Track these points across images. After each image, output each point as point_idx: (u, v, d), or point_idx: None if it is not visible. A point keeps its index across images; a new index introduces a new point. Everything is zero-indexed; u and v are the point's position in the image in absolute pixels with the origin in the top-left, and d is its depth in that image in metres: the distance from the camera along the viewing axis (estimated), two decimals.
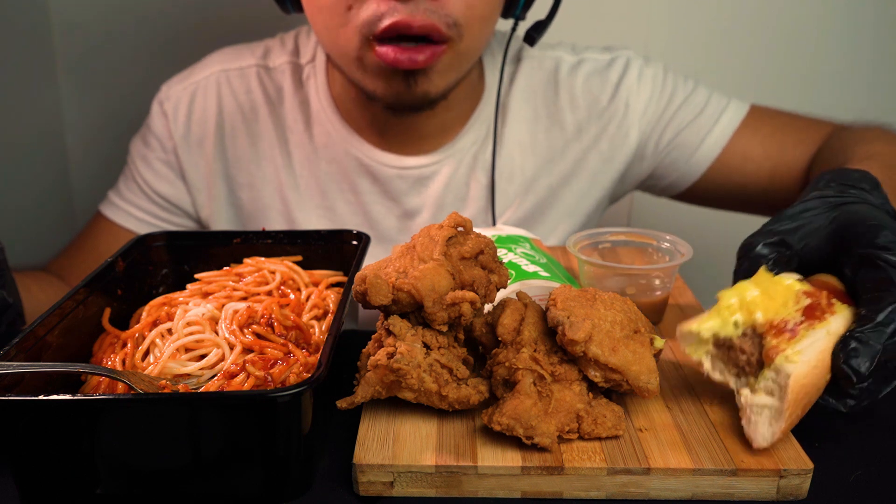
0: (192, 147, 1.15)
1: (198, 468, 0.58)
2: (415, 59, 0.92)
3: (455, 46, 0.94)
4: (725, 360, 0.66)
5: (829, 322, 0.63)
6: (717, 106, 1.13)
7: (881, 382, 0.63)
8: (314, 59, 1.14)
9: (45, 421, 0.56)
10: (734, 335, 0.64)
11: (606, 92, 1.14)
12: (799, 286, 0.65)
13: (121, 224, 1.17)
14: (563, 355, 0.65)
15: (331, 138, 1.12)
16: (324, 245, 0.86)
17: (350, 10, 0.92)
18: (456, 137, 1.12)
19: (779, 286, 0.65)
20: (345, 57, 0.97)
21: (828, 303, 0.64)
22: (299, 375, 0.65)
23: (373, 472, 0.60)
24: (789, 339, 0.61)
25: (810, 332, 0.62)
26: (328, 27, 0.96)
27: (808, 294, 0.64)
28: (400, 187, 1.12)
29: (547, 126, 1.14)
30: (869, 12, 1.50)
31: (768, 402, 0.61)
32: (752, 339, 0.63)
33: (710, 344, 0.66)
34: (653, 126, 1.14)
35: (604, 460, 0.60)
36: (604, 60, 1.15)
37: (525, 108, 1.14)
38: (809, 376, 0.60)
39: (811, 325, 0.62)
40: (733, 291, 0.65)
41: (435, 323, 0.64)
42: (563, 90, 1.14)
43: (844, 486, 0.62)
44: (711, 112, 1.13)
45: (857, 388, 0.62)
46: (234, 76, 1.15)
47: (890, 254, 0.63)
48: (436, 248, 0.66)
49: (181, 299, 0.77)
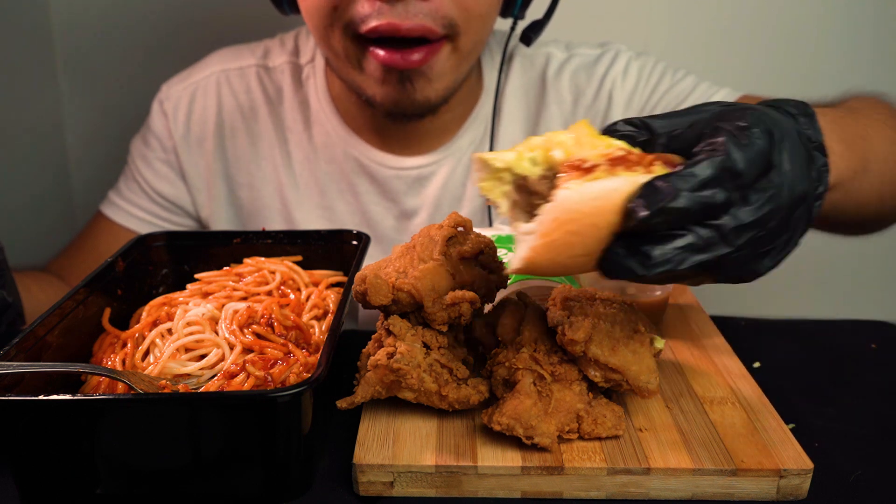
0: (192, 146, 1.15)
1: (198, 468, 0.58)
2: (408, 58, 0.91)
3: (453, 44, 0.94)
4: (526, 207, 0.58)
5: (637, 174, 0.53)
6: (704, 92, 1.10)
7: (687, 250, 0.53)
8: (313, 60, 1.14)
9: (45, 421, 0.56)
10: (531, 174, 0.56)
11: (592, 86, 1.13)
12: (621, 143, 0.56)
13: (121, 224, 1.17)
14: (563, 355, 0.65)
15: (329, 138, 1.12)
16: (324, 245, 0.86)
17: (336, 9, 0.92)
18: (454, 138, 1.12)
19: (598, 138, 0.56)
20: (338, 58, 0.97)
21: (648, 162, 0.55)
22: (299, 375, 0.65)
23: (373, 472, 0.60)
24: (581, 177, 0.53)
25: (609, 177, 0.53)
26: (317, 28, 0.96)
27: (626, 150, 0.55)
28: (398, 188, 1.12)
29: (537, 124, 1.14)
30: (869, 12, 1.50)
31: (532, 228, 0.53)
32: (550, 181, 0.56)
33: (508, 185, 0.58)
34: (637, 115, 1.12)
35: (604, 460, 0.60)
36: (593, 55, 1.14)
37: (518, 107, 1.14)
38: (585, 206, 0.51)
39: (613, 171, 0.53)
40: (546, 135, 0.57)
41: (435, 323, 0.64)
42: (551, 87, 1.14)
43: (844, 486, 0.62)
44: (696, 98, 1.10)
45: (650, 242, 0.53)
46: (234, 76, 1.15)
47: (740, 127, 0.55)
48: (436, 248, 0.66)
49: (181, 299, 0.77)
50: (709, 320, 0.84)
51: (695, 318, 0.84)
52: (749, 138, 0.55)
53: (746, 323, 0.91)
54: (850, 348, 0.84)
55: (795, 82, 1.54)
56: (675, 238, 0.53)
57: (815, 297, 1.65)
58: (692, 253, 0.53)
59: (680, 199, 0.52)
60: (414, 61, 0.91)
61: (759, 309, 1.04)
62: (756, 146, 0.54)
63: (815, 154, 0.61)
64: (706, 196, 0.52)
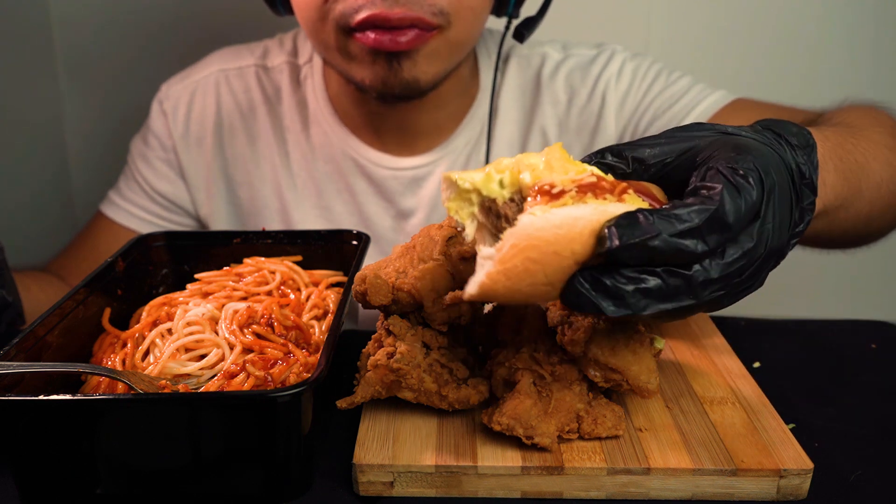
0: (191, 146, 1.15)
1: (198, 468, 0.58)
2: (397, 40, 0.91)
3: (445, 34, 0.94)
4: (493, 230, 0.56)
5: (608, 203, 0.51)
6: (698, 94, 1.10)
7: (652, 296, 0.51)
8: (311, 60, 1.15)
9: (45, 421, 0.56)
10: (499, 197, 0.55)
11: (587, 86, 1.13)
12: (594, 169, 0.55)
13: (121, 223, 1.17)
14: (563, 355, 0.65)
15: (327, 138, 1.12)
16: (324, 245, 0.86)
17: (326, 2, 0.92)
18: (450, 138, 1.12)
19: (570, 163, 0.55)
20: (329, 51, 0.97)
21: (620, 190, 0.53)
22: (299, 375, 0.65)
23: (373, 472, 0.60)
24: (548, 202, 0.51)
25: (578, 204, 0.51)
26: (307, 22, 0.96)
27: (597, 177, 0.53)
28: (395, 188, 1.12)
29: (532, 124, 1.14)
30: (869, 12, 1.50)
31: (491, 253, 0.51)
32: (518, 205, 0.54)
33: (474, 206, 0.57)
34: (630, 116, 1.12)
35: (604, 460, 0.60)
36: (588, 56, 1.14)
37: (514, 107, 1.14)
38: (547, 233, 0.49)
39: (581, 199, 0.51)
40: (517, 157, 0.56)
41: (435, 323, 0.64)
42: (546, 87, 1.13)
43: (844, 486, 0.62)
44: (689, 99, 1.10)
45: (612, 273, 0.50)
46: (233, 76, 1.16)
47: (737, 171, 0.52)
48: (436, 248, 0.66)
49: (181, 299, 0.77)
50: (709, 320, 0.84)
51: (695, 318, 0.84)
52: (744, 189, 0.52)
53: (746, 323, 0.91)
54: (850, 348, 0.84)
55: (795, 82, 1.54)
56: (642, 280, 0.50)
57: (815, 297, 1.65)
58: (657, 300, 0.51)
59: (658, 240, 0.49)
60: (402, 43, 0.91)
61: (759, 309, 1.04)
62: (749, 200, 0.52)
63: (804, 191, 0.59)
64: (685, 245, 0.50)
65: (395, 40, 0.91)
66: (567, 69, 1.14)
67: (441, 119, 1.10)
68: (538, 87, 1.14)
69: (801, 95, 1.54)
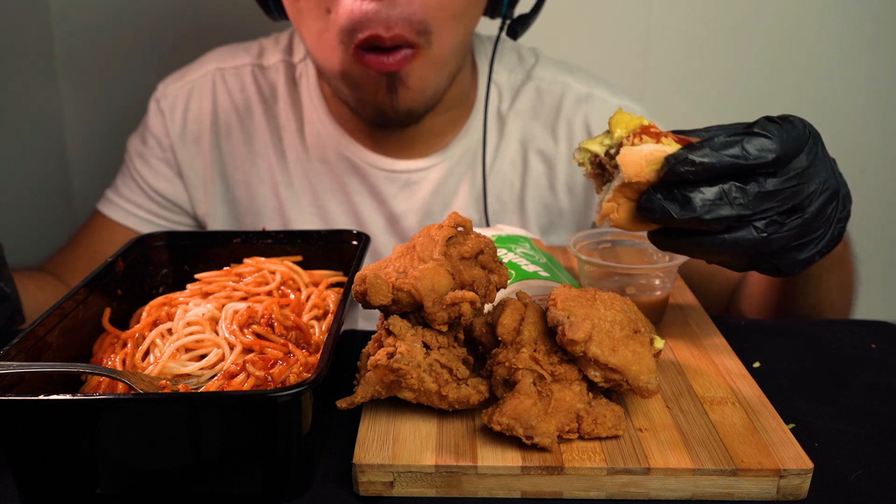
0: (188, 144, 1.16)
1: (198, 468, 0.58)
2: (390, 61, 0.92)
3: (425, 53, 0.94)
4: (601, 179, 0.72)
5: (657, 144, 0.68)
6: None
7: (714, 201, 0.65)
8: (306, 58, 1.15)
9: (45, 421, 0.56)
10: (600, 152, 0.71)
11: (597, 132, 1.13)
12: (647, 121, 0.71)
13: (119, 222, 1.17)
14: (563, 355, 0.65)
15: (321, 138, 1.12)
16: (323, 245, 0.86)
17: (329, 13, 0.92)
18: (448, 144, 1.12)
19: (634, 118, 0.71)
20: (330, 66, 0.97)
21: (664, 135, 0.69)
22: (299, 375, 0.65)
23: (373, 472, 0.60)
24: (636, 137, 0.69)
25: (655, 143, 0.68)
26: (310, 32, 0.96)
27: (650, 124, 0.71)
28: (388, 190, 1.12)
29: (542, 150, 1.13)
30: (869, 12, 1.50)
31: (608, 187, 0.70)
32: (613, 155, 0.70)
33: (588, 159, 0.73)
34: None
35: (604, 460, 0.60)
36: (613, 104, 1.13)
37: (524, 127, 1.13)
38: (642, 158, 0.66)
39: (658, 140, 0.68)
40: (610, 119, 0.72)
41: (435, 323, 0.64)
42: (563, 119, 1.13)
43: (844, 486, 0.62)
44: None
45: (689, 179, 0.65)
46: (229, 75, 1.16)
47: (781, 116, 0.67)
48: (436, 248, 0.66)
49: (181, 299, 0.77)
50: (709, 320, 0.84)
51: (695, 318, 0.84)
52: (784, 123, 0.65)
53: (746, 323, 0.91)
54: (850, 348, 0.84)
55: (794, 83, 1.54)
56: (705, 190, 0.65)
57: None
58: (717, 206, 0.64)
59: (708, 155, 0.64)
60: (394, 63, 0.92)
61: None
62: (790, 132, 0.65)
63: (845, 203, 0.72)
64: (731, 155, 0.64)
65: (391, 61, 0.92)
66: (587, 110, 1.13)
67: (437, 125, 1.10)
68: (556, 116, 1.13)
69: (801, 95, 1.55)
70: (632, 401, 0.68)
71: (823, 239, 0.70)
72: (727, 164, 0.64)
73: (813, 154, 0.67)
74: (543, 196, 1.14)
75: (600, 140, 0.71)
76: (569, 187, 1.14)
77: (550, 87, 1.14)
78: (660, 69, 1.53)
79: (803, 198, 0.66)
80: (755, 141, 0.64)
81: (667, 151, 0.66)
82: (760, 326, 0.90)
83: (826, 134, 0.71)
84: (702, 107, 1.56)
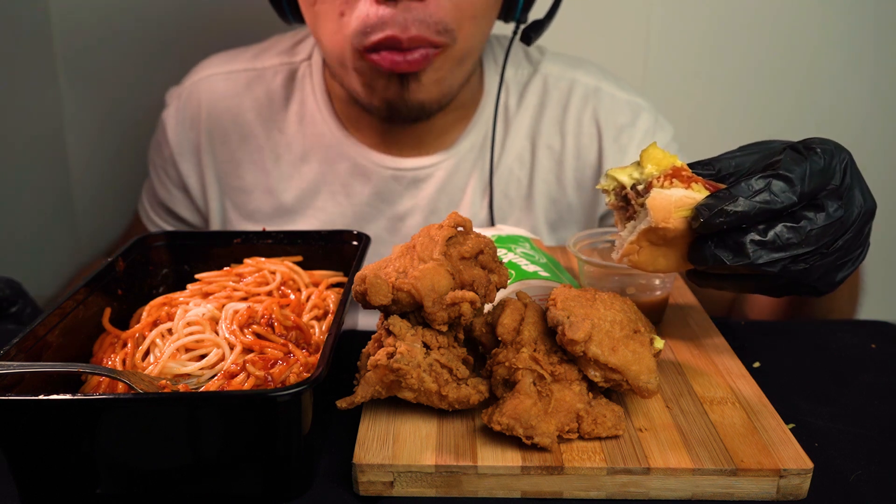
0: (186, 153, 1.16)
1: (198, 468, 0.58)
2: (408, 60, 0.92)
3: (448, 51, 0.94)
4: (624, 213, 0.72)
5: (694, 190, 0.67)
6: None
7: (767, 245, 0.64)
8: (310, 58, 1.14)
9: (45, 421, 0.56)
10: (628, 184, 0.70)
11: (610, 132, 1.12)
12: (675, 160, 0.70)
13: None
14: (563, 355, 0.65)
15: (324, 139, 1.12)
16: (324, 245, 0.86)
17: (342, 16, 0.92)
18: (456, 141, 1.12)
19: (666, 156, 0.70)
20: (343, 67, 0.98)
21: (694, 180, 0.68)
22: (299, 375, 0.65)
23: (373, 472, 0.60)
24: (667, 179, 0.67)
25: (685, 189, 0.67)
26: (325, 34, 0.96)
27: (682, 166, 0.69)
28: (394, 189, 1.12)
29: (550, 145, 1.13)
30: (869, 12, 1.50)
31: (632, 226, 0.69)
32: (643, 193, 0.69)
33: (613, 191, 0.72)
34: None
35: (604, 460, 0.60)
36: (621, 99, 1.13)
37: (531, 123, 1.13)
38: (671, 205, 0.65)
39: (689, 185, 0.67)
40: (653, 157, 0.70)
41: (435, 323, 0.64)
42: (571, 115, 1.13)
43: (844, 486, 0.62)
44: None
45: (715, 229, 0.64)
46: (225, 80, 1.16)
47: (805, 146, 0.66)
48: (436, 248, 0.66)
49: (181, 299, 0.77)
50: (709, 320, 0.84)
51: (695, 318, 0.84)
52: (809, 156, 0.65)
53: (746, 323, 0.91)
54: (850, 348, 0.84)
55: (795, 83, 1.54)
56: (756, 234, 0.64)
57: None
58: (771, 250, 0.64)
59: (740, 205, 0.63)
60: (412, 63, 0.92)
61: None
62: (813, 165, 0.64)
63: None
64: (762, 201, 0.63)
65: (407, 61, 0.92)
66: (595, 106, 1.13)
67: (446, 123, 1.10)
68: (563, 112, 1.13)
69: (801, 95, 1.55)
70: (632, 401, 0.68)
71: (860, 258, 0.70)
72: (759, 210, 0.63)
73: (850, 177, 0.66)
74: (551, 191, 1.14)
75: (629, 172, 0.70)
76: (577, 182, 1.14)
77: (558, 82, 1.14)
78: (660, 69, 1.53)
79: (848, 225, 0.66)
80: (781, 183, 0.64)
81: (696, 199, 0.65)
82: (760, 326, 0.90)
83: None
84: (702, 107, 1.56)
